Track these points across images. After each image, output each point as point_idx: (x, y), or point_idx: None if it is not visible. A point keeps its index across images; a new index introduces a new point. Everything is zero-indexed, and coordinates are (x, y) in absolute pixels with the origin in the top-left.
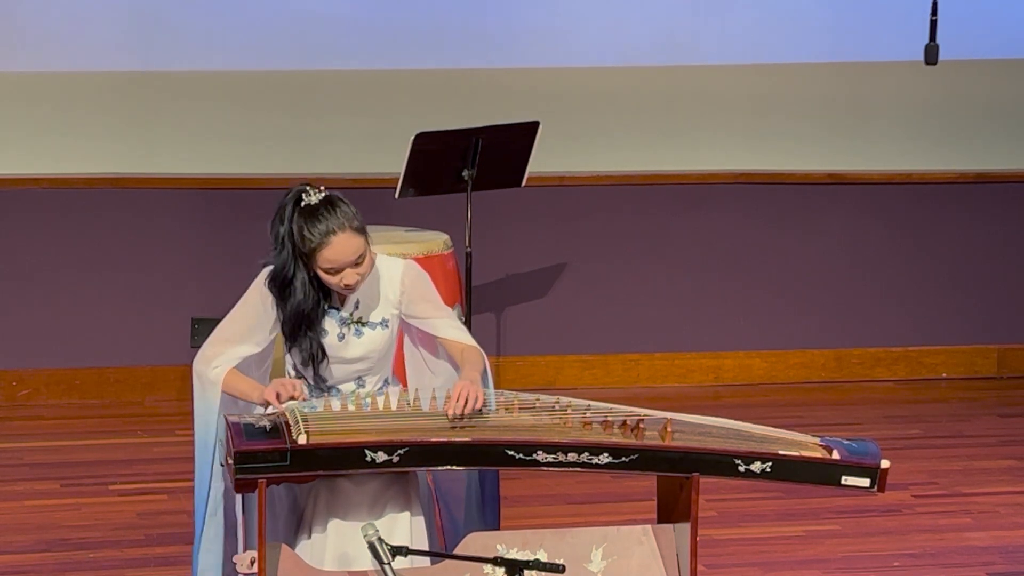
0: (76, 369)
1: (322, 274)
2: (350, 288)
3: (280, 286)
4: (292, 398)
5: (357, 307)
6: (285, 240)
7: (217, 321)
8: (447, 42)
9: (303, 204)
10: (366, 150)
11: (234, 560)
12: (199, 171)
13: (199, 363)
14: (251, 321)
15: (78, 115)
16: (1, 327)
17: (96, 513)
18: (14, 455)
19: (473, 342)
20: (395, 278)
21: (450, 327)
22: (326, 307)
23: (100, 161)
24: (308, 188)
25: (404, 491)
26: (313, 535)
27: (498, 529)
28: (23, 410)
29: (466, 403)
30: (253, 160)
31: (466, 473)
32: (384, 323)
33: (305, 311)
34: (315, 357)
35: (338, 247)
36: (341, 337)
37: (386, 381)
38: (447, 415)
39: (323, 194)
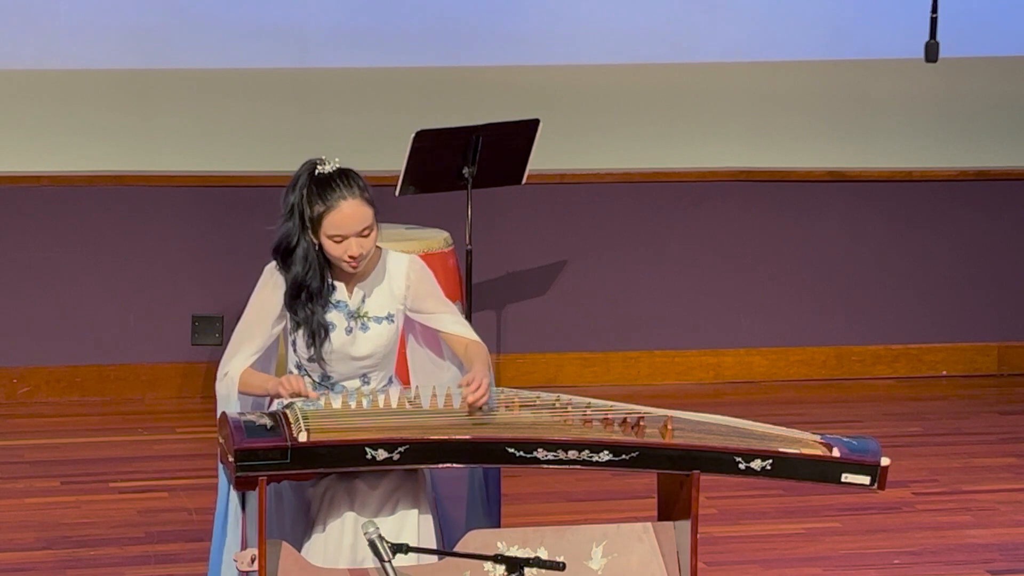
0: (76, 367)
1: (328, 244)
2: (354, 260)
3: (282, 254)
4: (297, 393)
5: (363, 301)
6: (294, 208)
7: (218, 318)
8: (447, 39)
9: (317, 173)
10: (366, 147)
11: (234, 558)
12: (200, 169)
13: (219, 382)
14: (264, 309)
15: (78, 112)
16: (1, 324)
17: (96, 511)
18: (14, 453)
19: (476, 337)
20: (400, 273)
21: (453, 322)
22: (332, 284)
23: (101, 159)
24: (323, 158)
25: (413, 489)
26: (328, 529)
27: (499, 527)
28: (23, 408)
29: (478, 390)
30: (254, 158)
31: (468, 472)
32: (389, 318)
33: (307, 283)
34: (316, 334)
35: (346, 212)
36: (349, 331)
37: (389, 380)
38: (465, 400)
39: (337, 166)
